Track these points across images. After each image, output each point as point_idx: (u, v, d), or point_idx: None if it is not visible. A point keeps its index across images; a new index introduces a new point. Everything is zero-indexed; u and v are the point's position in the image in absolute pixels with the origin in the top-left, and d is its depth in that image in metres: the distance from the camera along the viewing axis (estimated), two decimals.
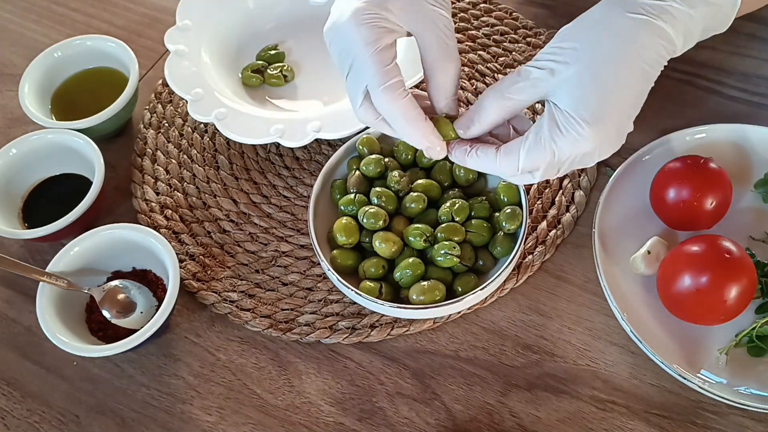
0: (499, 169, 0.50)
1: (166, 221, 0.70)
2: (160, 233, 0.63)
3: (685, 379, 0.54)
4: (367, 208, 0.61)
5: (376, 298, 0.58)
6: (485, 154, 0.51)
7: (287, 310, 0.64)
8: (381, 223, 0.61)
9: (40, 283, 0.60)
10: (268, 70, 0.76)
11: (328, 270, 0.59)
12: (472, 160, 0.51)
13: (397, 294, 0.60)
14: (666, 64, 0.49)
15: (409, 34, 0.51)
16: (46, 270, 0.61)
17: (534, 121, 0.51)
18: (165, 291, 0.61)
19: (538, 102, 0.49)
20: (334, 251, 0.62)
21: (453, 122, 0.52)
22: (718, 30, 0.51)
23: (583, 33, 0.48)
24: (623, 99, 0.48)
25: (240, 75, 0.76)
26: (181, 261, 0.66)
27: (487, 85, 0.75)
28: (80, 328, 0.62)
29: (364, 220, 0.61)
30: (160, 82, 0.80)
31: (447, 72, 0.51)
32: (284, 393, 0.60)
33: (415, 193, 0.62)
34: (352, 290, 0.58)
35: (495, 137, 0.53)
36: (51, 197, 0.70)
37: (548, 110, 0.48)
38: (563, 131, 0.47)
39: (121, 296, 0.62)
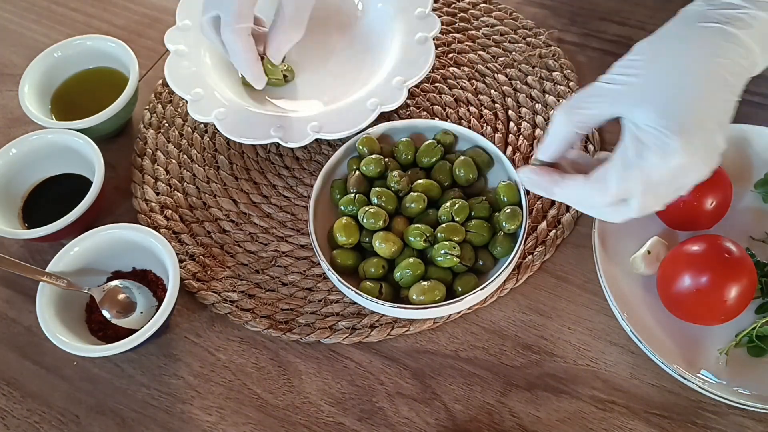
0: (587, 196, 0.48)
1: (166, 221, 0.70)
2: (160, 233, 0.63)
3: (685, 379, 0.54)
4: (367, 208, 0.61)
5: (376, 298, 0.58)
6: (573, 182, 0.48)
7: (287, 310, 0.64)
8: (381, 223, 0.61)
9: (40, 283, 0.60)
10: (268, 66, 0.76)
11: (328, 270, 0.59)
12: (558, 190, 0.50)
13: (397, 294, 0.60)
14: (749, 78, 0.47)
15: None
16: (46, 270, 0.61)
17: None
18: (165, 291, 0.61)
19: (611, 120, 0.48)
20: (334, 251, 0.62)
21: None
22: None
23: (655, 45, 0.47)
24: (707, 107, 0.45)
25: (240, 75, 0.76)
26: (181, 261, 0.66)
27: (487, 85, 0.75)
28: (80, 328, 0.62)
29: (364, 220, 0.61)
30: (160, 82, 0.80)
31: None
32: (284, 393, 0.60)
33: (415, 193, 0.62)
34: (352, 290, 0.58)
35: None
36: (51, 197, 0.70)
37: (629, 132, 0.46)
38: (650, 145, 0.44)
39: (121, 296, 0.62)
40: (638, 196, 0.46)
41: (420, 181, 0.64)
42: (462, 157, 0.64)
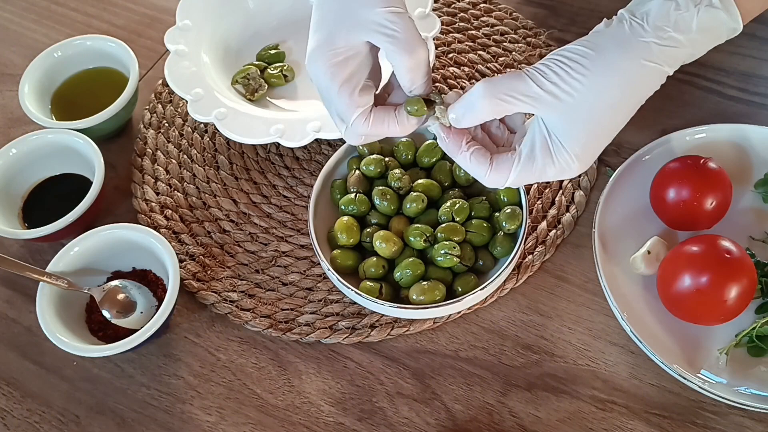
0: (486, 180, 0.51)
1: (166, 221, 0.70)
2: (160, 233, 0.63)
3: (685, 379, 0.54)
4: (381, 187, 0.62)
5: (376, 298, 0.58)
6: (477, 162, 0.50)
7: (287, 310, 0.64)
8: (393, 208, 0.62)
9: (40, 283, 0.60)
10: (268, 70, 0.76)
11: (328, 270, 0.59)
12: (463, 161, 0.51)
13: (397, 294, 0.60)
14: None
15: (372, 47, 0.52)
16: (46, 270, 0.61)
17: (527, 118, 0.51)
18: (165, 291, 0.61)
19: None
20: (334, 251, 0.62)
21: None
22: (717, 42, 0.51)
23: (595, 67, 0.47)
24: (612, 135, 0.50)
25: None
26: (181, 261, 0.66)
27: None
28: (80, 328, 0.62)
29: (378, 202, 0.62)
30: (160, 82, 0.80)
31: (404, 66, 0.49)
32: (284, 393, 0.60)
33: (415, 193, 0.62)
34: (352, 290, 0.58)
35: (488, 134, 0.53)
36: (51, 197, 0.70)
37: (539, 130, 0.49)
38: (554, 162, 0.49)
39: (121, 296, 0.62)
40: (520, 184, 0.51)
41: (420, 181, 0.64)
42: None
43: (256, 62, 0.77)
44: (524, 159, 0.49)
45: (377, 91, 0.53)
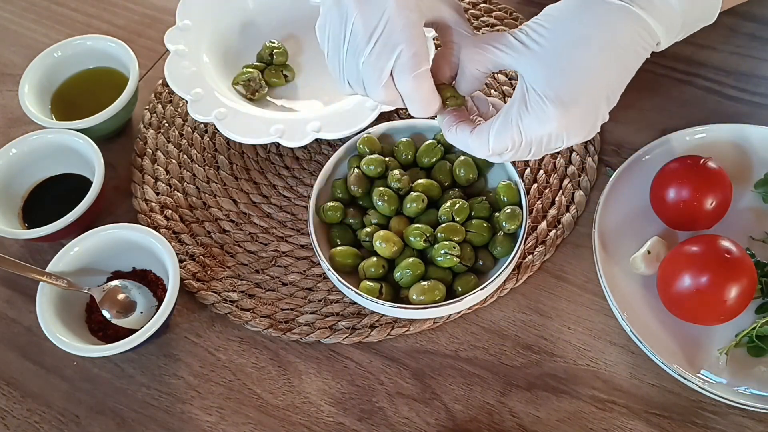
0: (471, 147, 0.51)
1: (166, 221, 0.70)
2: (160, 233, 0.63)
3: (685, 379, 0.54)
4: (381, 189, 0.62)
5: (376, 298, 0.58)
6: (462, 132, 0.52)
7: (287, 310, 0.64)
8: (393, 209, 0.62)
9: (40, 283, 0.60)
10: (268, 70, 0.76)
11: (328, 270, 0.59)
12: (451, 135, 0.52)
13: (397, 294, 0.60)
14: (648, 55, 0.49)
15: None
16: (46, 270, 0.61)
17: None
18: (165, 291, 0.61)
19: (511, 70, 0.51)
20: (334, 251, 0.62)
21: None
22: (705, 21, 0.51)
23: (562, 15, 0.49)
24: (594, 83, 0.48)
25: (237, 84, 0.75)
26: (181, 261, 0.66)
27: (487, 85, 0.75)
28: (80, 328, 0.62)
29: (378, 203, 0.62)
30: (160, 82, 0.80)
31: (476, 60, 0.51)
32: (284, 393, 0.60)
33: (415, 193, 0.62)
34: (352, 290, 0.58)
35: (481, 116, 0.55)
36: (51, 197, 0.70)
37: (520, 88, 0.49)
38: (529, 110, 0.48)
39: (121, 296, 0.62)
40: (511, 151, 0.50)
41: (420, 180, 0.64)
42: (462, 157, 0.64)
43: (257, 63, 0.77)
44: (502, 116, 0.49)
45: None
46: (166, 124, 0.77)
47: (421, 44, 0.48)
